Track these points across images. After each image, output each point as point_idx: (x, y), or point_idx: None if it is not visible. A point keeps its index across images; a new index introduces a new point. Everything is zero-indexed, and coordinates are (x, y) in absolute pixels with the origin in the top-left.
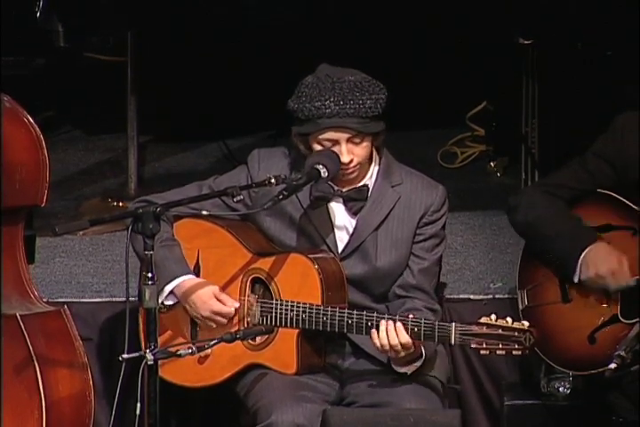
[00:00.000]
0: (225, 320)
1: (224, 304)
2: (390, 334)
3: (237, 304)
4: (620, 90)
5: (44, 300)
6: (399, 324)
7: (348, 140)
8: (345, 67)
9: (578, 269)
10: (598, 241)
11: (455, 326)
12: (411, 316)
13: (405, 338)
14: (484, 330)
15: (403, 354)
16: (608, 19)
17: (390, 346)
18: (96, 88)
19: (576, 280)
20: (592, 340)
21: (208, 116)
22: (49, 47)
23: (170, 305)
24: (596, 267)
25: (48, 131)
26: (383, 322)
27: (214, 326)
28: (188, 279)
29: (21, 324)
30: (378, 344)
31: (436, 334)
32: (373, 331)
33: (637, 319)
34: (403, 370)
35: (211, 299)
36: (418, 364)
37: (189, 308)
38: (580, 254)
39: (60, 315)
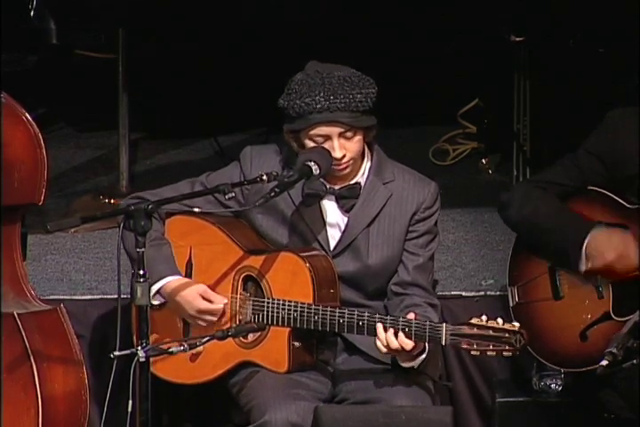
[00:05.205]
0: (214, 318)
1: (211, 302)
2: (390, 338)
3: (225, 300)
4: (612, 87)
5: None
6: (400, 333)
7: (340, 136)
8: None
9: (583, 258)
10: (596, 227)
11: (446, 327)
12: (410, 317)
13: (405, 342)
14: (475, 331)
15: (404, 353)
16: (600, 15)
17: (391, 349)
18: (87, 85)
19: (582, 269)
20: (584, 337)
21: (200, 114)
22: (41, 44)
23: (157, 304)
24: (602, 255)
25: (40, 128)
26: (380, 325)
27: (204, 324)
28: (174, 280)
29: (18, 322)
30: (382, 349)
31: (427, 334)
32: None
33: (629, 317)
34: (409, 365)
35: (196, 298)
36: (422, 357)
37: (177, 308)
38: (583, 243)
39: (57, 313)
